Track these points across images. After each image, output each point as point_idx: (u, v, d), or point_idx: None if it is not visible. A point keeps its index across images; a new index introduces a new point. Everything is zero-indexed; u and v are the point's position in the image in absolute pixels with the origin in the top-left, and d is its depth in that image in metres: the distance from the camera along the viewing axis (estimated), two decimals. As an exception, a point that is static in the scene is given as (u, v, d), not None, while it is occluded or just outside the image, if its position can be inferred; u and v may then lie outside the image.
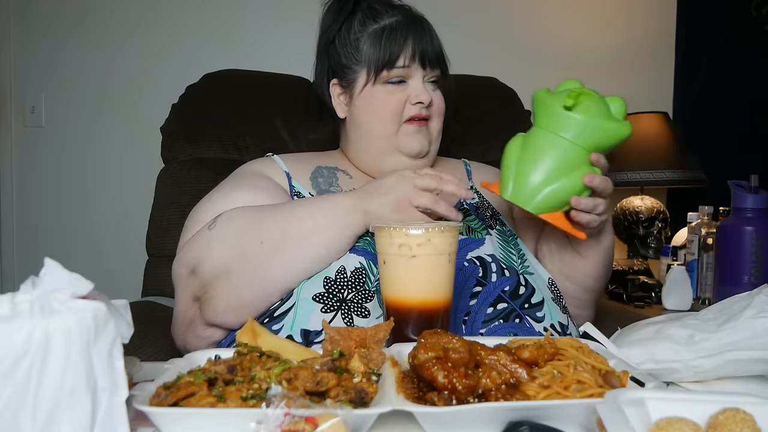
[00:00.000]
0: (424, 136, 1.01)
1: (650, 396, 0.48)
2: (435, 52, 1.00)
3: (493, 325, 0.86)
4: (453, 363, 0.54)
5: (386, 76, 0.99)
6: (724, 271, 1.32)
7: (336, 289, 0.85)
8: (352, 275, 0.86)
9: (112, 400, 0.46)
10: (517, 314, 0.88)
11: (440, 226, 0.72)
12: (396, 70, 0.98)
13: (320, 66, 1.10)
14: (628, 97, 2.32)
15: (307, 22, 2.02)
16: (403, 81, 1.00)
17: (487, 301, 0.88)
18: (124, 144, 2.00)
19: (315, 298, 0.84)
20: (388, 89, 0.99)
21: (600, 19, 2.14)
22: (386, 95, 0.99)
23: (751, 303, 0.67)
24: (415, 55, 0.98)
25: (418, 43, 0.99)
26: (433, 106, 1.01)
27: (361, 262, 0.88)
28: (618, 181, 1.85)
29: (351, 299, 0.85)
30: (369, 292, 0.86)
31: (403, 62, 0.98)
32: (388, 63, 0.98)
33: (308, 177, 1.03)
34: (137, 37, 1.99)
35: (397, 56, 0.98)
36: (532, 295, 0.90)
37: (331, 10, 1.07)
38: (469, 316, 0.86)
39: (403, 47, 0.98)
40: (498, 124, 1.53)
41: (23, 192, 2.03)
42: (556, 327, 0.90)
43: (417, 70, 0.99)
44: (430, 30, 1.01)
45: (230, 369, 0.56)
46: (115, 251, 1.98)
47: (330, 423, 0.44)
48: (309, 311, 0.83)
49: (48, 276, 0.46)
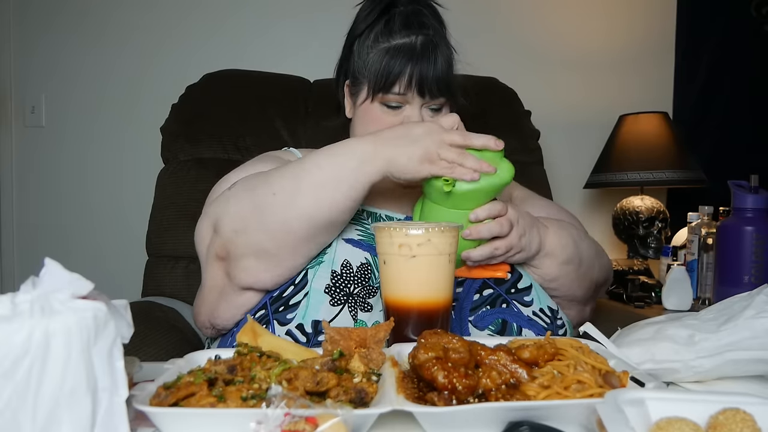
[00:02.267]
0: None
1: (650, 396, 0.48)
2: (437, 81, 0.97)
3: (480, 311, 0.87)
4: (453, 363, 0.54)
5: (383, 98, 0.98)
6: (724, 271, 1.32)
7: (343, 283, 0.86)
8: (358, 270, 0.87)
9: (112, 400, 0.46)
10: (504, 299, 0.89)
11: (440, 226, 0.73)
12: (392, 95, 0.97)
13: (341, 62, 1.08)
14: (629, 97, 2.33)
15: (307, 22, 2.04)
16: (400, 106, 0.99)
17: (473, 288, 0.89)
18: (124, 144, 2.00)
19: (325, 290, 0.85)
20: (385, 110, 0.99)
21: (600, 19, 2.14)
22: (382, 114, 0.99)
23: (751, 303, 0.67)
24: (412, 83, 0.96)
25: (418, 71, 0.96)
26: None
27: (366, 257, 0.89)
28: (618, 181, 1.85)
29: (357, 294, 0.86)
30: (373, 288, 0.87)
31: (399, 89, 0.97)
32: (384, 87, 0.97)
33: None
34: (137, 38, 1.99)
35: (394, 82, 0.96)
36: (519, 280, 0.92)
37: (365, 8, 1.04)
38: (457, 303, 0.88)
39: (400, 74, 0.96)
40: (498, 124, 1.53)
41: (23, 192, 2.03)
42: (545, 311, 0.91)
43: (414, 98, 0.98)
44: (436, 57, 0.97)
45: (230, 369, 0.56)
46: (115, 251, 1.98)
47: (330, 423, 0.44)
48: (319, 302, 0.84)
49: (48, 276, 0.46)
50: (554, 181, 1.67)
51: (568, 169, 2.07)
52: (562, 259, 0.94)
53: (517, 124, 1.60)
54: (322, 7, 2.00)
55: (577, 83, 2.13)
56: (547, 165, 1.65)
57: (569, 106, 2.13)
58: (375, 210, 1.00)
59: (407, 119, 0.98)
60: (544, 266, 0.93)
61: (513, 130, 1.58)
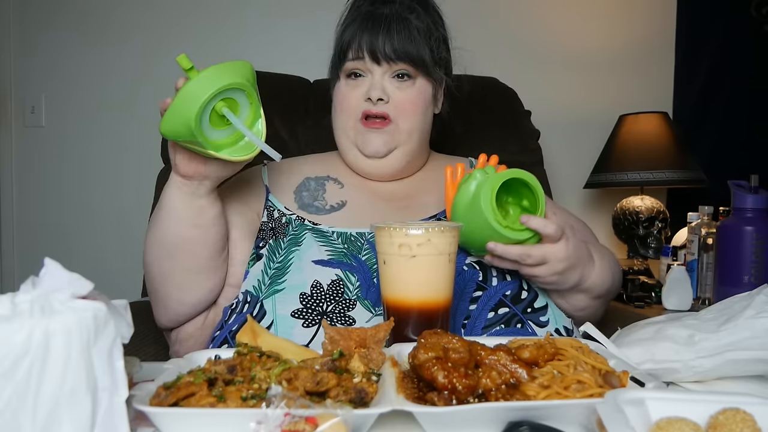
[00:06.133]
0: (379, 137, 0.97)
1: (650, 396, 0.48)
2: (393, 47, 0.94)
3: (494, 330, 0.85)
4: (453, 363, 0.54)
5: (345, 68, 0.97)
6: (724, 271, 1.32)
7: (314, 303, 0.85)
8: (329, 288, 0.86)
9: (112, 400, 0.46)
10: (519, 319, 0.86)
11: (440, 226, 0.72)
12: (348, 62, 0.96)
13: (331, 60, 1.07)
14: (629, 97, 2.33)
15: (307, 22, 2.04)
16: (363, 75, 0.97)
17: (488, 306, 0.86)
18: (124, 144, 2.00)
19: (294, 315, 0.84)
20: (349, 84, 0.98)
21: (600, 19, 2.14)
22: (347, 90, 0.98)
23: (751, 303, 0.67)
24: (363, 48, 0.94)
25: (368, 35, 0.94)
26: (391, 102, 0.97)
27: (337, 273, 0.87)
28: (618, 181, 1.85)
29: (332, 311, 0.84)
30: (350, 300, 0.86)
31: (352, 55, 0.95)
32: (340, 56, 0.96)
33: (292, 191, 1.02)
34: (137, 37, 1.99)
35: (347, 48, 0.95)
36: (535, 299, 0.89)
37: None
38: (469, 321, 0.85)
39: (351, 39, 0.94)
40: (498, 124, 1.53)
41: (23, 192, 2.03)
42: (561, 331, 0.88)
43: (372, 65, 0.96)
44: (392, 24, 0.94)
45: (230, 369, 0.56)
46: (115, 251, 1.98)
47: (330, 423, 0.44)
48: (290, 327, 0.83)
49: (48, 276, 0.46)
50: (554, 181, 1.67)
51: (568, 169, 2.07)
52: (595, 295, 0.91)
53: (517, 124, 1.60)
54: (323, 6, 1.99)
55: (577, 83, 2.13)
56: (547, 165, 1.64)
57: (569, 106, 2.13)
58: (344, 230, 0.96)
59: (371, 88, 0.96)
60: (575, 300, 0.91)
61: (513, 130, 1.57)
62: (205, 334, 0.94)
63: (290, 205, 0.99)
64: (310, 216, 0.97)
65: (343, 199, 1.01)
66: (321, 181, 1.04)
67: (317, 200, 1.01)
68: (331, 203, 1.00)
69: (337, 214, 0.98)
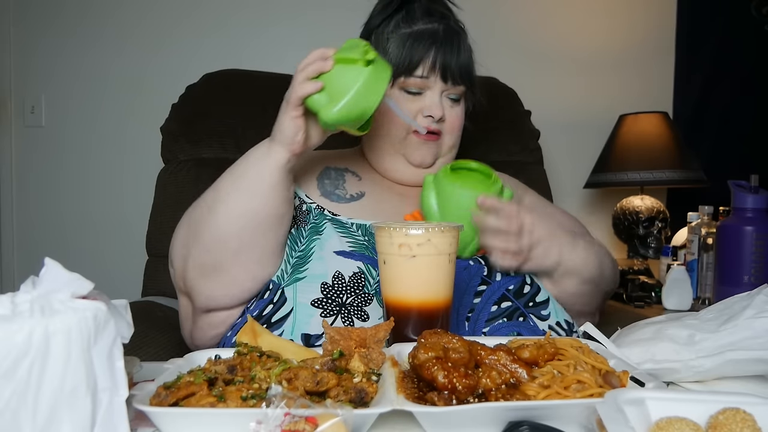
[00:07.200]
0: (429, 149, 1.01)
1: (650, 396, 0.48)
2: (459, 68, 0.97)
3: (496, 323, 0.86)
4: (453, 363, 0.54)
5: (404, 83, 0.98)
6: (724, 271, 1.32)
7: (335, 294, 0.85)
8: (351, 280, 0.87)
9: (112, 400, 0.46)
10: (521, 312, 0.88)
11: (440, 226, 0.72)
12: (413, 79, 0.97)
13: None
14: (629, 97, 2.33)
15: (306, 22, 2.04)
16: (420, 93, 0.99)
17: (492, 300, 0.88)
18: (124, 144, 1.99)
19: (314, 304, 0.84)
20: (405, 96, 0.99)
21: (600, 19, 2.14)
22: (402, 101, 0.99)
23: (751, 303, 0.67)
24: (436, 67, 0.96)
25: (442, 55, 0.96)
26: (445, 122, 1.00)
27: (359, 266, 0.88)
28: (618, 181, 1.85)
29: (351, 303, 0.85)
30: (368, 295, 0.86)
31: (422, 72, 0.96)
32: (407, 70, 0.96)
33: (315, 178, 1.03)
34: (137, 37, 1.99)
35: (417, 65, 0.96)
36: (537, 293, 0.91)
37: (382, 1, 1.04)
38: (473, 314, 0.87)
39: (424, 56, 0.96)
40: (498, 124, 1.53)
41: (23, 192, 2.03)
42: (562, 324, 0.91)
43: (436, 83, 0.98)
44: (460, 44, 0.98)
45: (230, 369, 0.56)
46: (115, 251, 1.98)
47: (330, 423, 0.44)
48: (309, 316, 0.84)
49: (48, 276, 0.46)
50: (554, 181, 1.67)
51: (568, 169, 2.07)
52: (583, 278, 0.94)
53: (517, 124, 1.60)
54: (323, 6, 2.00)
55: (577, 83, 2.13)
56: (547, 165, 1.64)
57: (569, 106, 2.12)
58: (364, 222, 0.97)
59: (428, 106, 0.98)
60: (564, 284, 0.94)
61: (513, 130, 1.58)
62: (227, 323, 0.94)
63: (311, 193, 1.00)
64: (331, 205, 0.98)
65: (361, 190, 1.02)
66: (340, 172, 1.05)
67: (338, 188, 1.02)
68: (351, 193, 1.01)
69: (356, 203, 1.00)
